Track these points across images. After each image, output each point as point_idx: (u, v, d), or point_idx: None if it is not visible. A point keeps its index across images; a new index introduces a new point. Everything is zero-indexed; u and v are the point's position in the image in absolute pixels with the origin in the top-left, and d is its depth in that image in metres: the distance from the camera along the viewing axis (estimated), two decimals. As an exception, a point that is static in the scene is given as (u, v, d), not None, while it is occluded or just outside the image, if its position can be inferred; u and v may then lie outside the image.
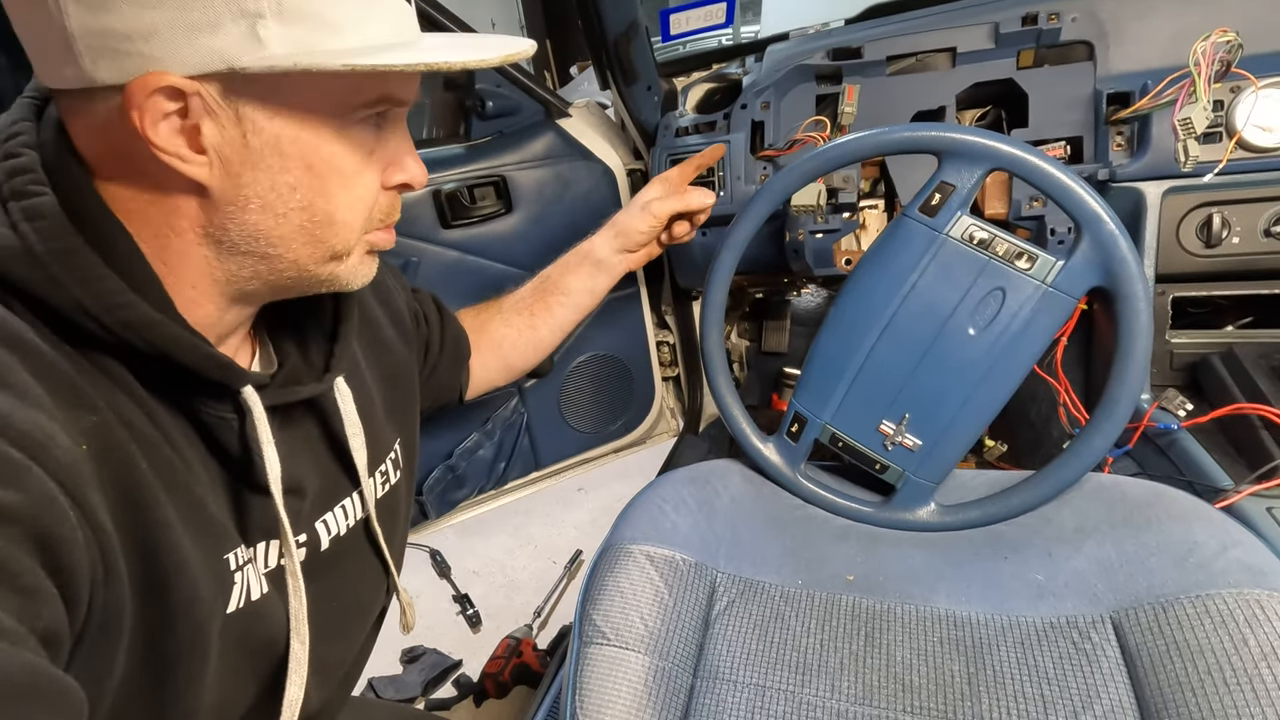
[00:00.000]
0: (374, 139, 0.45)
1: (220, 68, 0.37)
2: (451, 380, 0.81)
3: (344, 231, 0.46)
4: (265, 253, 0.44)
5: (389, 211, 0.49)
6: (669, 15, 1.23)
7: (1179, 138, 0.89)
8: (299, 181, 0.42)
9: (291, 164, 0.41)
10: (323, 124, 0.42)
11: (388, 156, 0.47)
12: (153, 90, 0.37)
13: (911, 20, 1.16)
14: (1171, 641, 0.59)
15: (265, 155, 0.41)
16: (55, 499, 0.33)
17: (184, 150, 0.39)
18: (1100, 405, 0.71)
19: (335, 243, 0.46)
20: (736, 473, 0.89)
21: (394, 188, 0.48)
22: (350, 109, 0.42)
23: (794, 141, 1.14)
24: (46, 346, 0.37)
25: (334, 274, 0.47)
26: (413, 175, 0.49)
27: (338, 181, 0.44)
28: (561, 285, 0.86)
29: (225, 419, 0.46)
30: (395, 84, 0.44)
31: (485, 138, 1.28)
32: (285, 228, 0.43)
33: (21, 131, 0.40)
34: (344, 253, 0.47)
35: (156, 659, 0.41)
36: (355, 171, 0.44)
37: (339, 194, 0.44)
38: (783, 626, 0.69)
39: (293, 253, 0.44)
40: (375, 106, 0.44)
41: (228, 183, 0.41)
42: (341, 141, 0.43)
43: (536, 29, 6.45)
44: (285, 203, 0.42)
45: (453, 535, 1.62)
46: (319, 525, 0.55)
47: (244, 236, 0.43)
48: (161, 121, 0.38)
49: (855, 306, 0.80)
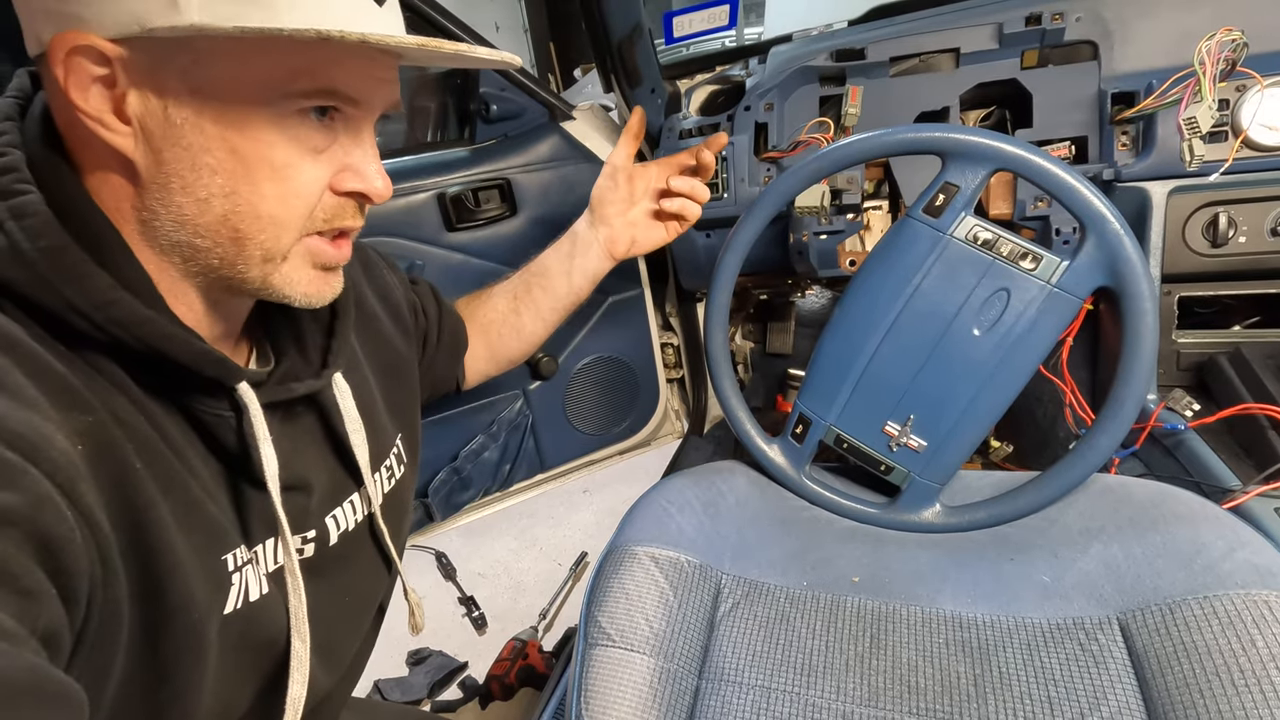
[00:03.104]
0: (322, 137, 0.43)
1: (135, 30, 0.37)
2: (449, 371, 0.81)
3: (271, 228, 0.43)
4: (193, 243, 0.42)
5: (335, 216, 0.46)
6: (672, 18, 1.23)
7: (1184, 137, 0.88)
8: (220, 165, 0.40)
9: (213, 144, 0.40)
10: (251, 107, 0.40)
11: (344, 160, 0.45)
12: (71, 49, 0.37)
13: (915, 21, 1.16)
14: (1179, 643, 0.58)
15: (186, 131, 0.39)
16: (52, 500, 0.33)
17: (108, 117, 0.39)
18: (1106, 406, 0.70)
19: (263, 239, 0.43)
20: (741, 474, 0.89)
21: (346, 194, 0.46)
22: (285, 96, 0.40)
23: (798, 143, 1.14)
24: (40, 348, 0.37)
25: (267, 279, 0.45)
26: (370, 186, 0.46)
27: (266, 172, 0.41)
28: (542, 266, 0.84)
29: (222, 416, 0.46)
30: (341, 77, 0.42)
31: (489, 141, 1.29)
32: (208, 216, 0.41)
33: (5, 131, 0.40)
34: (275, 254, 0.44)
35: (155, 659, 0.41)
36: (288, 164, 0.42)
37: (266, 185, 0.42)
38: (788, 628, 0.69)
39: (220, 247, 0.42)
40: (316, 99, 0.41)
41: (151, 158, 0.40)
42: (275, 130, 0.41)
43: (540, 32, 6.47)
44: (206, 186, 0.41)
45: (458, 537, 1.63)
46: (329, 520, 0.55)
47: (171, 222, 0.41)
48: (91, 86, 0.38)
49: (860, 308, 0.80)
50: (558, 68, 5.52)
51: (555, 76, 5.42)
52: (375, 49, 0.41)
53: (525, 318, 0.84)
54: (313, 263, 0.47)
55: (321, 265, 0.47)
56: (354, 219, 0.47)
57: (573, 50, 5.29)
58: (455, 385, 0.83)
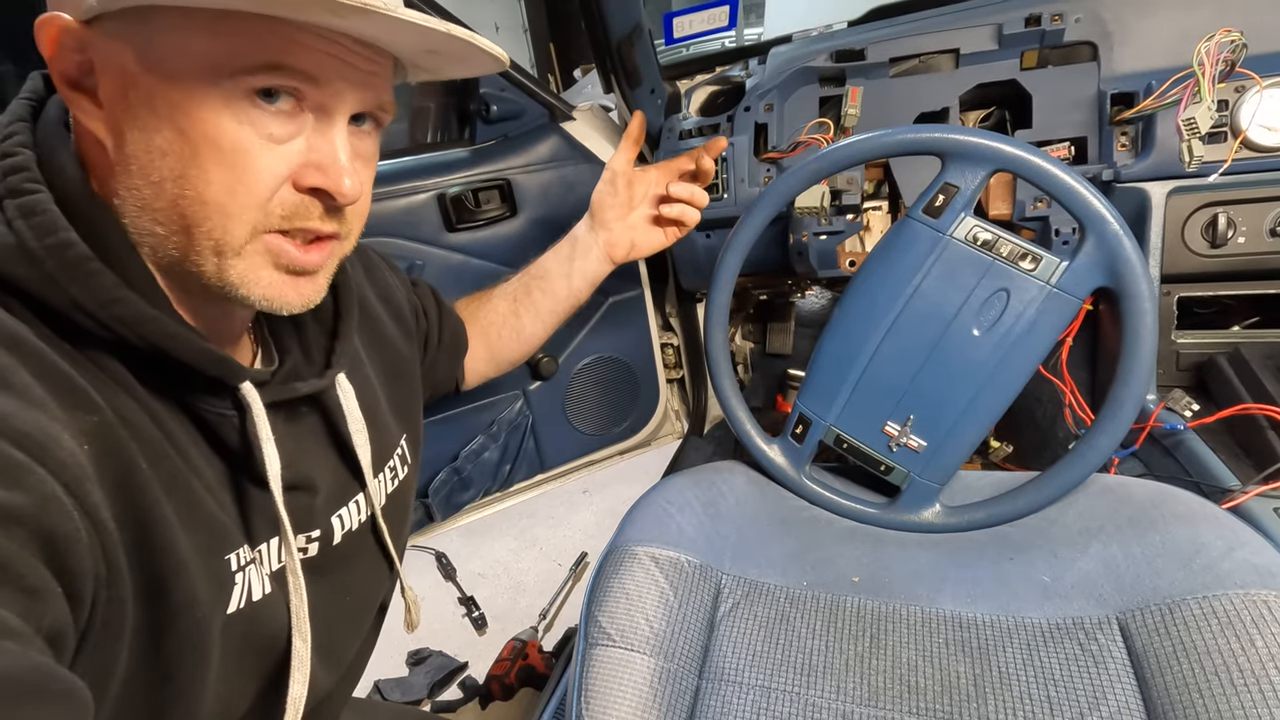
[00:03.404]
0: (281, 125, 0.41)
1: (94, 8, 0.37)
2: (450, 372, 0.81)
3: (218, 216, 0.41)
4: (153, 231, 0.41)
5: (294, 214, 0.43)
6: (672, 18, 1.23)
7: (1183, 138, 0.89)
8: (170, 146, 0.39)
9: (163, 124, 0.39)
10: (196, 85, 0.38)
11: (307, 154, 0.42)
12: (50, 30, 0.38)
13: (915, 22, 1.16)
14: (1178, 642, 0.58)
15: (140, 112, 0.39)
16: (59, 499, 0.34)
17: (84, 102, 0.40)
18: (1106, 406, 0.70)
19: (209, 227, 0.41)
20: (741, 474, 0.89)
21: (309, 191, 0.43)
22: (230, 73, 0.39)
23: (797, 143, 1.14)
24: (46, 347, 0.38)
25: (223, 274, 0.42)
26: (333, 184, 0.42)
27: (212, 155, 0.40)
28: (542, 269, 0.85)
29: (225, 416, 0.46)
30: (293, 53, 0.39)
31: (489, 141, 1.29)
32: (161, 200, 0.40)
33: (17, 131, 0.41)
34: (225, 247, 0.42)
35: (158, 658, 0.41)
36: (238, 149, 0.40)
37: (213, 170, 0.40)
38: (788, 628, 0.69)
39: (175, 236, 0.41)
40: (264, 76, 0.39)
41: (114, 140, 0.40)
42: (224, 112, 0.39)
43: (540, 32, 6.47)
44: (158, 169, 0.40)
45: (458, 538, 1.63)
46: (334, 520, 0.55)
47: (134, 208, 0.41)
48: (74, 71, 0.40)
49: (859, 308, 0.80)
50: (557, 68, 5.52)
51: (555, 77, 5.42)
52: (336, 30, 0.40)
53: (525, 320, 0.85)
54: (274, 263, 0.44)
55: (286, 268, 0.44)
56: (322, 221, 0.44)
57: (573, 50, 5.29)
58: (455, 386, 0.84)
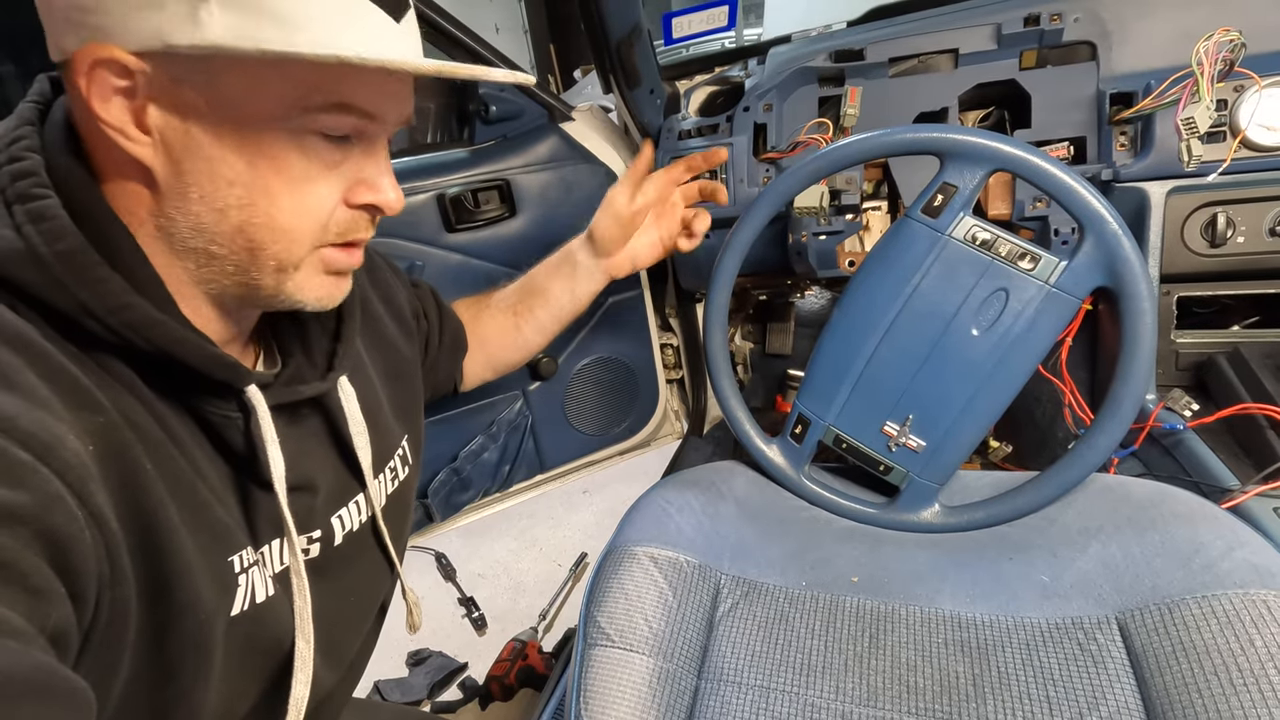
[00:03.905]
0: (337, 152, 0.44)
1: (157, 45, 0.37)
2: (449, 373, 0.82)
3: (285, 240, 0.44)
4: (210, 251, 0.43)
5: (348, 229, 0.47)
6: (671, 18, 1.23)
7: (1182, 137, 0.89)
8: (238, 176, 0.41)
9: (231, 157, 0.41)
10: (268, 122, 0.41)
11: (357, 174, 0.46)
12: (93, 61, 0.37)
13: (914, 22, 1.16)
14: (1178, 642, 0.58)
15: (205, 144, 0.40)
16: (63, 499, 0.34)
17: (129, 127, 0.39)
18: (1105, 405, 0.70)
19: (277, 250, 0.44)
20: (740, 474, 0.89)
21: (360, 207, 0.47)
22: (302, 111, 0.41)
23: (796, 143, 1.14)
24: (53, 348, 0.38)
25: (280, 287, 0.46)
26: (384, 199, 0.47)
27: (282, 185, 0.42)
28: (543, 287, 0.86)
29: (230, 418, 0.46)
30: (359, 93, 0.42)
31: (489, 142, 1.29)
32: (225, 225, 0.42)
33: (25, 136, 0.41)
34: (289, 264, 0.45)
35: (161, 659, 0.41)
36: (304, 179, 0.43)
37: (283, 198, 0.43)
38: (787, 628, 0.69)
39: (236, 255, 0.43)
40: (333, 113, 0.42)
41: (170, 168, 0.41)
42: (291, 146, 0.42)
43: (540, 33, 6.47)
44: (224, 197, 0.41)
45: (458, 538, 1.63)
46: (334, 520, 0.55)
47: (189, 230, 0.42)
48: (113, 97, 0.39)
49: (859, 308, 0.80)
50: (557, 69, 5.52)
51: (555, 78, 5.42)
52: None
53: (527, 332, 0.86)
54: (324, 270, 0.48)
55: (334, 271, 0.48)
56: (366, 230, 0.48)
57: (572, 52, 5.29)
58: (454, 387, 0.84)
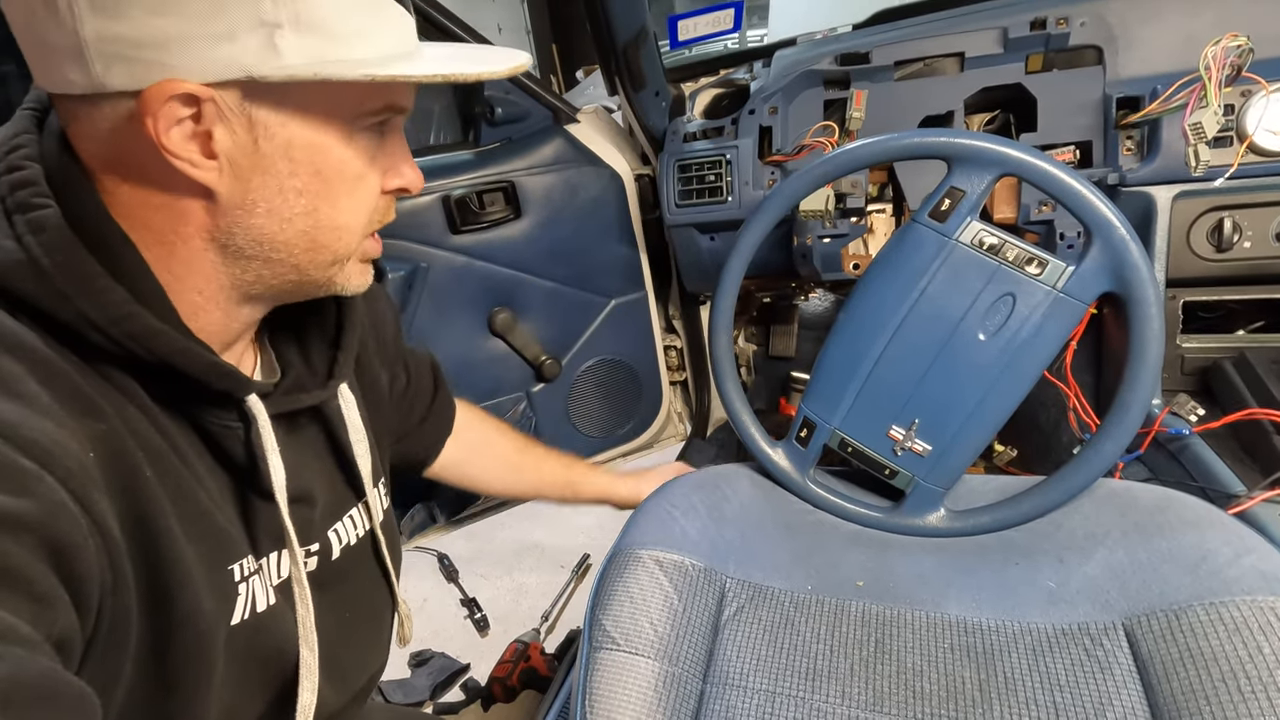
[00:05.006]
0: (376, 145, 0.46)
1: (238, 76, 0.38)
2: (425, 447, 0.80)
3: (346, 236, 0.46)
4: (269, 257, 0.44)
5: (385, 215, 0.50)
6: (677, 21, 1.23)
7: (1189, 142, 0.88)
8: (306, 186, 0.43)
9: (300, 169, 0.42)
10: (332, 130, 0.42)
11: (387, 161, 0.48)
12: (168, 97, 0.37)
13: (919, 25, 1.17)
14: (1184, 649, 0.58)
15: (275, 160, 0.41)
16: (66, 506, 0.33)
17: (196, 156, 0.39)
18: (1111, 410, 0.70)
19: (338, 247, 0.46)
20: (745, 477, 0.89)
21: (391, 192, 0.49)
22: (358, 116, 0.43)
23: (802, 147, 1.14)
24: (55, 356, 0.38)
25: (332, 279, 0.48)
26: (410, 180, 0.49)
27: (343, 187, 0.44)
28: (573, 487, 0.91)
29: (230, 428, 0.46)
30: (399, 93, 0.45)
31: (494, 144, 1.29)
32: (289, 232, 0.43)
33: (24, 144, 0.40)
34: (345, 257, 0.47)
35: (162, 668, 0.41)
36: (359, 176, 0.45)
37: (344, 199, 0.45)
38: (793, 632, 0.69)
39: (295, 257, 0.45)
40: (380, 114, 0.44)
41: (236, 187, 0.41)
42: (348, 147, 0.44)
43: (543, 34, 6.47)
44: (291, 208, 0.43)
45: (461, 539, 1.63)
46: (331, 534, 0.55)
47: (249, 241, 0.43)
48: (175, 127, 0.38)
49: (864, 311, 0.80)
50: (560, 70, 5.53)
51: (557, 78, 5.43)
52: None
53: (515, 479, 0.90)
54: (363, 259, 0.50)
55: (367, 259, 0.51)
56: (392, 213, 0.51)
57: (575, 52, 5.30)
58: (422, 467, 0.81)
